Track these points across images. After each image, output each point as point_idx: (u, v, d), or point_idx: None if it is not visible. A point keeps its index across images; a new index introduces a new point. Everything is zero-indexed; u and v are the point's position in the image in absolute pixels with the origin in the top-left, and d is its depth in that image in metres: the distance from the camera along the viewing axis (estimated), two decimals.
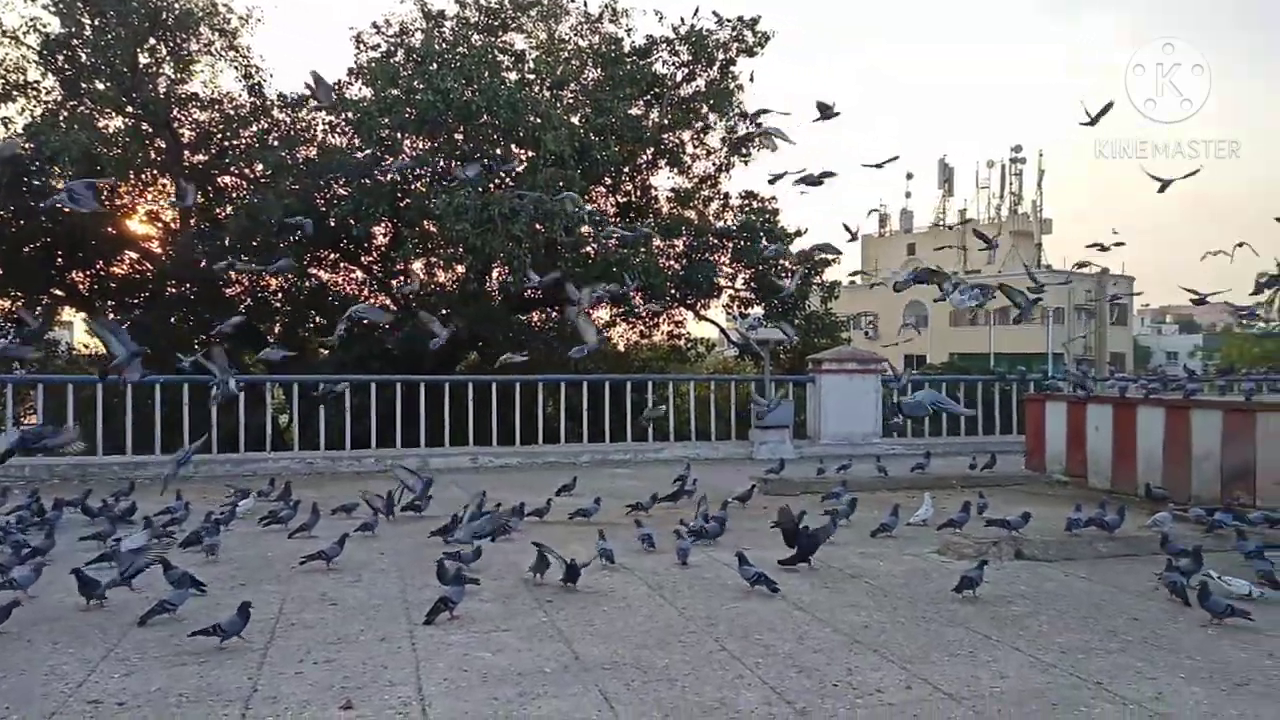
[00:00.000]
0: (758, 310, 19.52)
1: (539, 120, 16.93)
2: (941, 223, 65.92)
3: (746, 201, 20.08)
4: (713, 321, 21.77)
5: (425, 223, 17.24)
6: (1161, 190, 9.30)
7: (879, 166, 9.11)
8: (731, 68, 19.59)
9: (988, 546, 6.84)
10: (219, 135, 19.06)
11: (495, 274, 18.67)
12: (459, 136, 17.73)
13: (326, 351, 18.91)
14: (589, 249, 17.69)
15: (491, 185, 15.90)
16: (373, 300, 21.39)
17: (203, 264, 16.69)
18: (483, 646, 4.72)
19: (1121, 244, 10.69)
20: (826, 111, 8.58)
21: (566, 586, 5.79)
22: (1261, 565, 5.92)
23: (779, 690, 4.09)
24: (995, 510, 8.13)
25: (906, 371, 26.25)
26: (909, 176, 71.58)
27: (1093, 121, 8.83)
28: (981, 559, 6.11)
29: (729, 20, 19.15)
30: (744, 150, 20.33)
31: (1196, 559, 5.95)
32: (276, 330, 19.95)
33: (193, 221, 18.70)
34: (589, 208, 18.64)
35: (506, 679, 4.24)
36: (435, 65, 17.10)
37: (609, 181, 19.72)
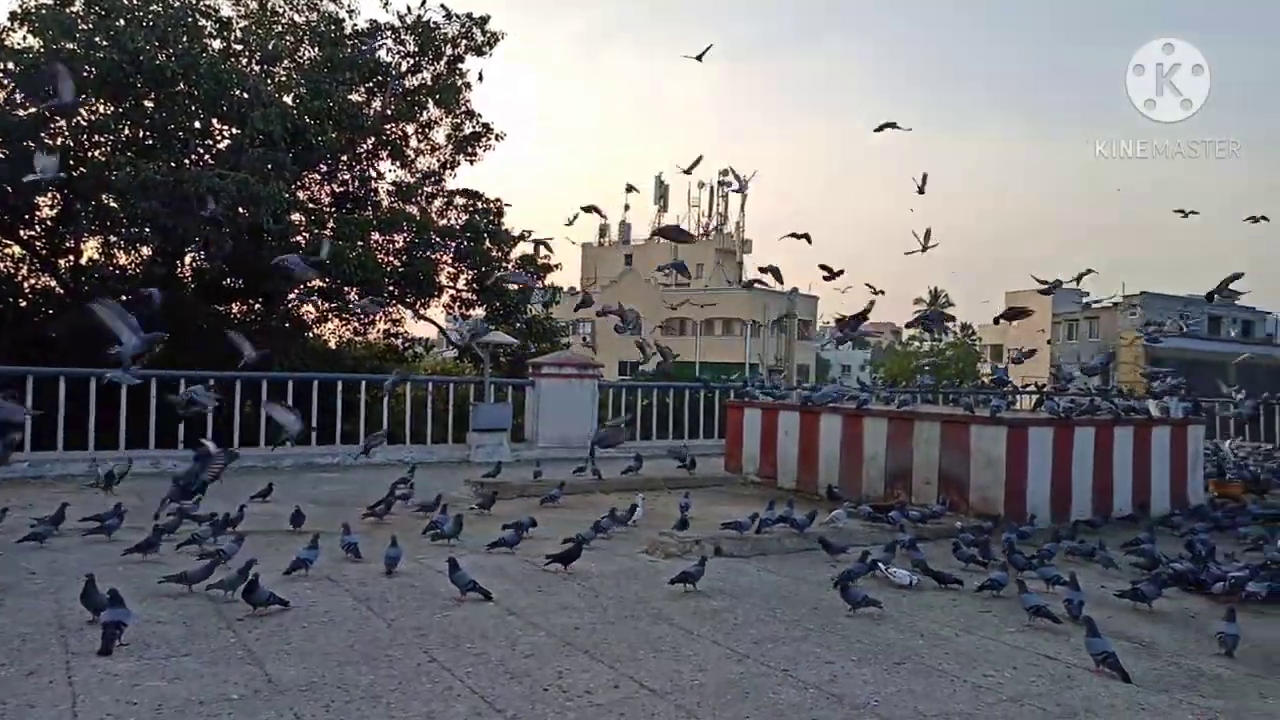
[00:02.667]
0: (479, 312, 19.38)
1: (246, 96, 15.64)
2: (657, 238, 69.38)
3: (471, 202, 19.85)
4: (432, 321, 21.31)
5: (104, 196, 15.28)
6: (924, 250, 10.80)
7: (570, 223, 9.98)
8: (460, 64, 19.33)
9: (690, 545, 7.22)
10: None
11: (189, 259, 16.97)
12: (149, 104, 15.92)
13: None
14: (300, 239, 16.59)
15: (188, 161, 14.44)
16: (34, 281, 18.64)
17: None
18: (157, 674, 4.21)
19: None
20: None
21: (266, 605, 5.32)
22: (917, 556, 6.78)
23: (489, 699, 4.03)
24: (697, 509, 8.63)
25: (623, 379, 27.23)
26: (629, 189, 74.92)
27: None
28: (703, 556, 6.51)
29: (459, 16, 18.89)
30: (470, 149, 20.11)
31: (890, 551, 6.78)
32: None
33: None
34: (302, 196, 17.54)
35: (185, 710, 3.80)
36: (122, 21, 15.25)
37: (325, 169, 18.67)
